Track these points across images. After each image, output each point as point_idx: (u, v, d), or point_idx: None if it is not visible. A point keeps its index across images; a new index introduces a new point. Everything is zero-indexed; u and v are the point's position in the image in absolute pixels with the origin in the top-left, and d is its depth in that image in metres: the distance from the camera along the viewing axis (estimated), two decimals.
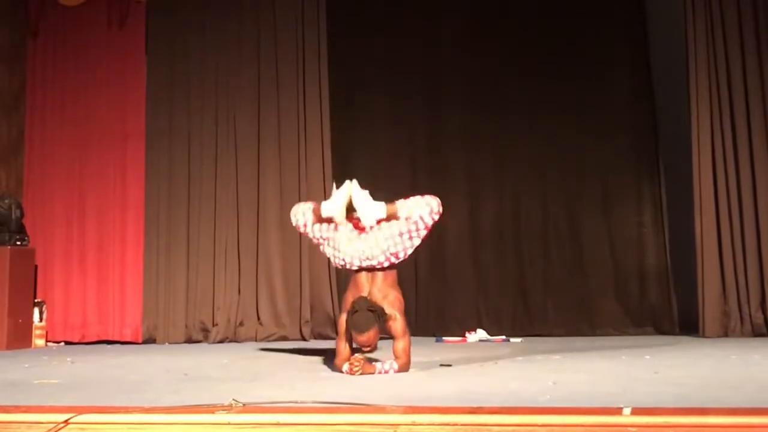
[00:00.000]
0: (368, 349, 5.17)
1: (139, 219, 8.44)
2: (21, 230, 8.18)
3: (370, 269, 5.32)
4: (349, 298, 5.30)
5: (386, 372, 5.15)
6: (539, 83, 8.32)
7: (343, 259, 5.39)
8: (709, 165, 7.46)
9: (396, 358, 5.23)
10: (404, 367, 5.21)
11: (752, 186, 7.41)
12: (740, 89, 7.48)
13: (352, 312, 5.12)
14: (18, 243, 8.02)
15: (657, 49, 8.16)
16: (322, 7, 8.32)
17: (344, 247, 5.38)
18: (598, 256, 8.20)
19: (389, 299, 5.27)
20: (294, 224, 5.74)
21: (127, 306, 8.37)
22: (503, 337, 7.75)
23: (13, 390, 4.84)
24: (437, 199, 5.43)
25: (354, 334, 5.11)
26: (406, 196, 5.59)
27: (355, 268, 5.37)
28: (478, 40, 8.48)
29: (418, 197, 5.46)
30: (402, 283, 5.49)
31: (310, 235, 5.64)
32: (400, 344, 5.23)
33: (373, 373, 5.11)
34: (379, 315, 5.11)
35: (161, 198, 8.44)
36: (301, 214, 5.65)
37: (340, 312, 5.46)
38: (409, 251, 5.39)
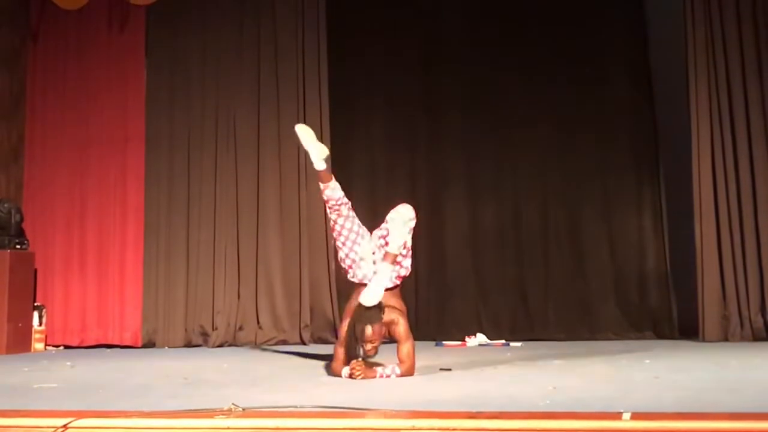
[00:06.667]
0: (372, 347, 5.12)
1: (139, 222, 8.43)
2: (21, 234, 8.17)
3: None
4: (353, 305, 5.28)
5: (388, 377, 5.12)
6: (539, 87, 8.35)
7: (353, 269, 5.40)
8: (709, 169, 7.46)
9: (400, 362, 5.20)
10: (408, 371, 5.18)
11: (752, 190, 7.42)
12: (740, 93, 7.48)
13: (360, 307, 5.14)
14: (18, 247, 8.02)
15: (657, 52, 8.18)
16: (322, 7, 8.33)
17: (365, 265, 5.40)
18: (598, 261, 8.21)
19: (391, 305, 5.26)
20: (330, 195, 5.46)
21: (127, 310, 8.36)
22: (503, 341, 7.74)
23: (12, 394, 4.83)
24: (408, 206, 5.34)
25: (361, 328, 5.08)
26: (404, 197, 5.56)
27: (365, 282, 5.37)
28: (477, 41, 8.51)
29: (395, 222, 5.28)
30: (402, 288, 5.48)
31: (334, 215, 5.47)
32: (405, 348, 5.22)
33: (374, 378, 5.10)
34: (382, 310, 5.13)
35: (161, 202, 8.43)
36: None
37: (342, 319, 5.44)
38: (406, 269, 5.40)
